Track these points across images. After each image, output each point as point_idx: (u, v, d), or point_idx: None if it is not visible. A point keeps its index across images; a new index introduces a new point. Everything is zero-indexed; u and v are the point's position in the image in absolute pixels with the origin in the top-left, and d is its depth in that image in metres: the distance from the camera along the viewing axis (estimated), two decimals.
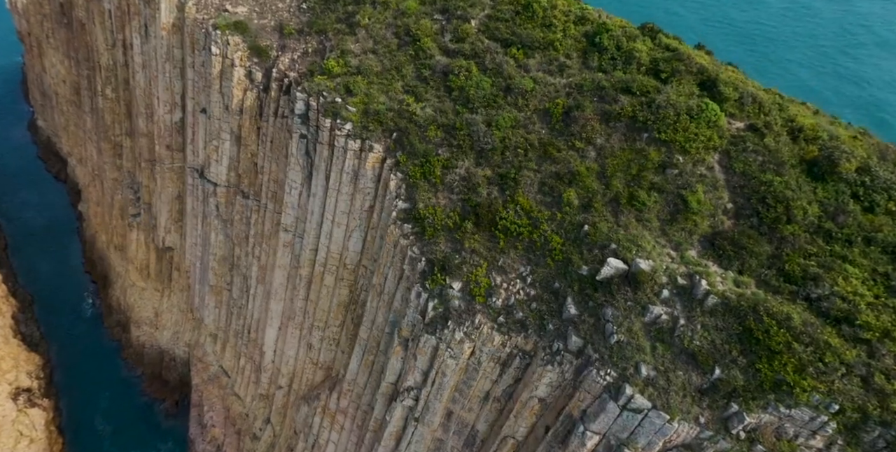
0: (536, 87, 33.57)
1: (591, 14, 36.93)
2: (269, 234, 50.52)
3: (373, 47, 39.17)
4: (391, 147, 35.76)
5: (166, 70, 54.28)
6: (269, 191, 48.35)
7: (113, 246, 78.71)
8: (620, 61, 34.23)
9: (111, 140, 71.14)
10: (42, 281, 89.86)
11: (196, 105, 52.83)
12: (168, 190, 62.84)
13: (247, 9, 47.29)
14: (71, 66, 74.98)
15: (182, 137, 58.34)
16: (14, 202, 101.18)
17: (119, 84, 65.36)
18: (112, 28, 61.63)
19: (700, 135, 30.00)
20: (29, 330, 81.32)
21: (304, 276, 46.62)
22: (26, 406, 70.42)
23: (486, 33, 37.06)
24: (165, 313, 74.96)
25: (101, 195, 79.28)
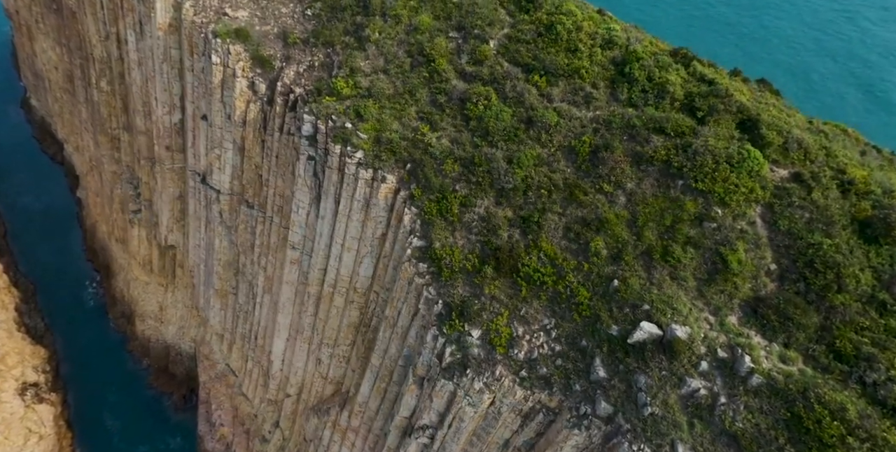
0: (561, 121, 31.58)
1: (619, 35, 34.50)
2: (275, 247, 49.14)
3: (384, 66, 36.91)
4: (405, 178, 34.03)
5: (164, 71, 51.84)
6: (274, 205, 46.75)
7: (114, 239, 77.35)
8: (652, 94, 32.04)
9: (108, 133, 68.93)
10: (44, 269, 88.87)
11: (196, 109, 50.69)
12: (169, 190, 61.12)
13: (248, 13, 44.65)
14: (63, 54, 72.09)
15: (182, 139, 56.31)
16: (11, 185, 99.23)
17: (114, 78, 62.81)
18: (105, 20, 58.81)
19: (741, 186, 28.14)
20: (33, 321, 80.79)
21: (312, 294, 45.49)
22: (34, 402, 70.37)
23: (506, 56, 34.78)
24: (170, 308, 74.19)
25: (100, 186, 77.43)
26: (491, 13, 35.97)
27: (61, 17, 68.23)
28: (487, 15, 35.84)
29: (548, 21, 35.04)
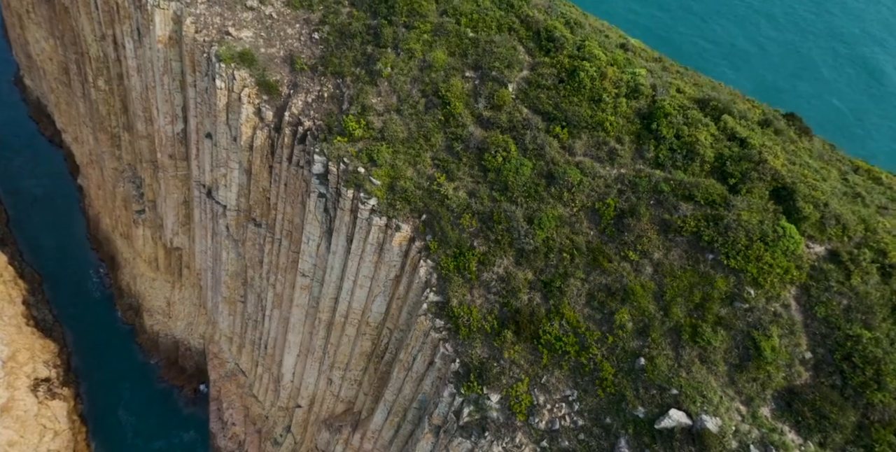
0: (584, 180, 30.46)
1: (644, 83, 32.84)
2: (284, 267, 48.60)
3: (397, 105, 35.44)
4: (420, 229, 33.22)
5: (164, 83, 50.07)
6: (283, 229, 45.95)
7: (118, 233, 76.75)
8: (680, 154, 30.70)
9: (108, 131, 67.34)
10: (48, 258, 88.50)
11: (199, 125, 49.22)
12: (174, 195, 60.10)
13: (252, 33, 42.66)
14: (57, 47, 69.63)
15: (186, 148, 54.93)
16: (10, 169, 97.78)
17: (112, 78, 60.83)
18: (100, 20, 56.41)
19: (776, 266, 27.22)
20: (41, 314, 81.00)
21: (323, 320, 45.27)
22: (47, 398, 71.27)
23: (526, 102, 33.30)
24: (178, 304, 74.25)
25: (102, 180, 76.22)
26: (509, 53, 34.22)
27: (53, 10, 65.55)
28: (506, 55, 34.10)
29: (570, 65, 33.33)
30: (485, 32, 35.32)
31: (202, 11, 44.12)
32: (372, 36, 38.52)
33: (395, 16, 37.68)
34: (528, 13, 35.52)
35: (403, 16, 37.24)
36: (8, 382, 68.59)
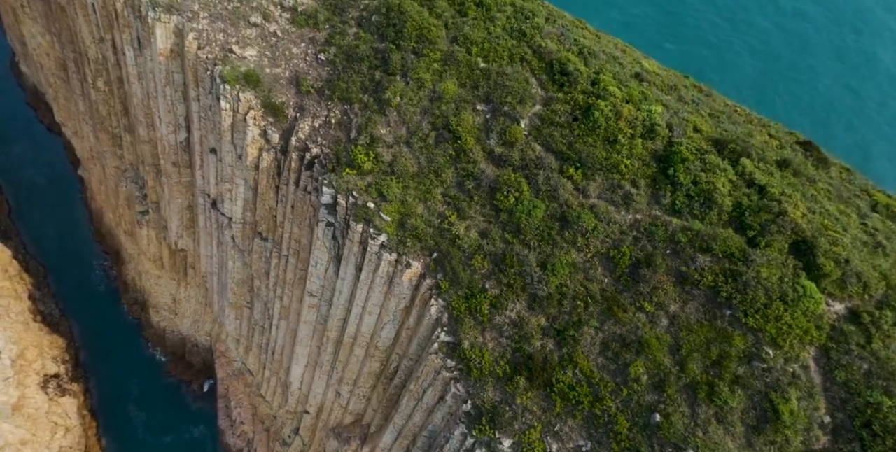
0: (599, 226, 30.04)
1: (660, 123, 32.07)
2: (291, 282, 48.55)
3: (406, 137, 34.78)
4: (431, 267, 32.99)
5: (167, 94, 49.13)
6: (291, 247, 45.72)
7: (122, 230, 76.45)
8: (698, 202, 30.14)
9: (108, 131, 66.42)
10: (52, 250, 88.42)
11: (203, 138, 48.51)
12: (178, 200, 59.67)
13: (256, 52, 41.59)
14: (54, 43, 68.11)
15: (189, 156, 54.23)
16: (10, 158, 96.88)
17: (112, 81, 59.62)
18: (98, 23, 54.99)
19: (795, 327, 27.02)
20: (48, 308, 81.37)
21: (331, 338, 45.43)
22: (57, 395, 72.14)
23: (539, 139, 32.63)
24: (184, 302, 74.50)
25: (104, 177, 75.57)
26: (521, 86, 33.35)
27: (49, 8, 63.85)
28: (518, 89, 33.25)
29: (584, 103, 32.52)
30: (496, 63, 34.40)
31: (204, 27, 42.94)
32: (380, 60, 37.54)
33: (403, 41, 36.65)
34: (540, 44, 34.53)
35: (412, 41, 36.22)
36: (18, 380, 69.31)
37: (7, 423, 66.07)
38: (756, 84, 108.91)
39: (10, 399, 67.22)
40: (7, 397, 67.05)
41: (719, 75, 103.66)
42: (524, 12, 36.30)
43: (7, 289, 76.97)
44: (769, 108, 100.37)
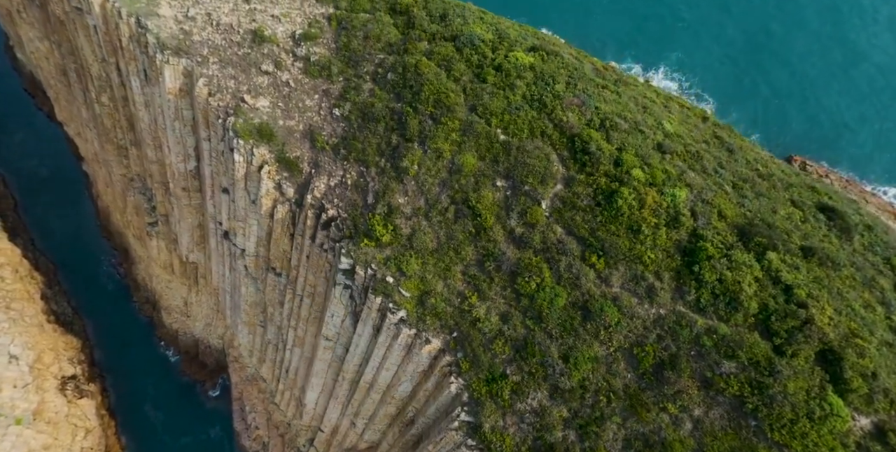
0: (622, 320, 30.12)
1: (684, 211, 31.64)
2: (306, 318, 48.99)
3: (425, 209, 34.48)
4: (451, 345, 33.33)
5: (176, 127, 48.36)
6: (305, 289, 45.90)
7: (132, 235, 76.47)
8: (723, 302, 30.02)
9: (114, 142, 65.54)
10: (60, 245, 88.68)
11: (215, 175, 47.95)
12: (188, 220, 59.56)
13: (269, 103, 40.66)
14: (53, 50, 66.21)
15: (199, 182, 53.74)
16: (11, 148, 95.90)
17: (117, 98, 58.33)
18: (100, 44, 53.38)
19: (821, 445, 27.30)
20: (60, 307, 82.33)
21: (347, 378, 46.24)
22: (75, 396, 73.95)
23: (560, 222, 32.33)
24: (195, 306, 75.31)
25: (109, 180, 74.98)
26: (542, 164, 32.79)
27: (46, 14, 61.73)
28: (539, 168, 32.70)
29: (607, 187, 32.01)
30: (517, 136, 33.73)
31: (214, 72, 41.83)
32: (396, 122, 36.79)
33: (420, 104, 35.81)
34: (561, 118, 33.71)
35: (430, 106, 35.38)
36: (37, 385, 70.89)
37: (29, 429, 68.00)
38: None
39: (31, 405, 68.93)
40: (28, 403, 68.74)
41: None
42: (544, 78, 35.28)
43: (20, 291, 77.69)
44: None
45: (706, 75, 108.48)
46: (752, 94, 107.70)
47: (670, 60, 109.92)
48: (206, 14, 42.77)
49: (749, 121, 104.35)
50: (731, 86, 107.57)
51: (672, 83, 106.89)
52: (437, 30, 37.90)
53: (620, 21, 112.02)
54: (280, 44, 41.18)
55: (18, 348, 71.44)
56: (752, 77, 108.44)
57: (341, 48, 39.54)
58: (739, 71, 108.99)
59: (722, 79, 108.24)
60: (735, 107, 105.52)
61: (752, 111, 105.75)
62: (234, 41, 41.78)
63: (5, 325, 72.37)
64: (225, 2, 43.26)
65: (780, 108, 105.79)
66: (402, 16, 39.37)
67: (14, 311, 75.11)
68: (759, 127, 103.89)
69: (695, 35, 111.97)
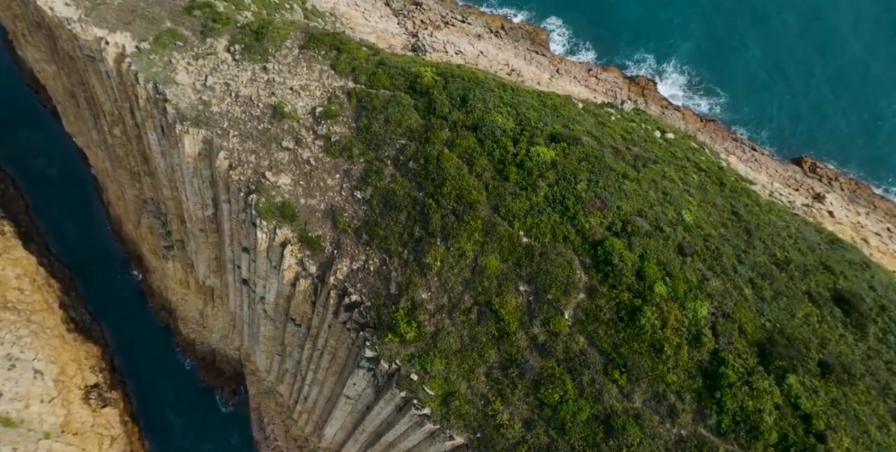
0: (644, 441, 31.42)
1: (706, 332, 32.51)
2: (325, 368, 50.48)
3: (448, 307, 35.39)
4: (475, 444, 34.88)
5: (194, 183, 48.60)
6: (327, 348, 47.16)
7: (146, 248, 77.38)
8: (743, 429, 31.14)
9: (127, 168, 65.62)
10: (74, 249, 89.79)
11: (234, 232, 48.44)
12: (204, 253, 60.38)
13: (290, 180, 40.90)
14: (60, 74, 65.25)
15: (217, 225, 54.26)
16: (17, 148, 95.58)
17: (131, 137, 58.08)
18: (114, 89, 52.81)
19: None
20: (78, 314, 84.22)
21: (367, 432, 48.13)
22: (99, 405, 76.81)
23: (583, 332, 33.27)
24: (211, 318, 77.07)
25: (121, 195, 75.29)
26: (565, 272, 33.45)
27: (55, 48, 60.58)
28: (561, 277, 33.38)
29: (629, 303, 32.78)
30: (539, 240, 34.25)
31: (235, 145, 41.86)
32: (418, 213, 37.23)
33: (442, 197, 36.17)
34: (583, 224, 34.13)
35: (452, 200, 35.76)
36: (62, 398, 73.56)
37: (58, 442, 71.05)
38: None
39: (58, 418, 71.74)
40: (55, 417, 71.53)
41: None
42: (566, 176, 35.47)
43: (39, 303, 79.40)
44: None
45: (719, 66, 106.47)
46: (766, 88, 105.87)
47: (682, 51, 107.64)
48: (225, 84, 42.39)
49: (760, 117, 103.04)
50: (743, 78, 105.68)
51: (683, 76, 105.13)
52: (458, 117, 37.77)
53: (634, 7, 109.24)
54: (300, 120, 41.05)
55: (42, 363, 73.70)
56: (767, 70, 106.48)
57: (362, 129, 39.49)
58: (754, 63, 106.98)
59: (735, 72, 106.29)
60: (747, 102, 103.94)
61: (764, 107, 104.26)
62: (254, 115, 41.62)
63: (28, 340, 74.40)
64: (243, 70, 42.79)
65: (794, 104, 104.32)
66: (423, 97, 39.11)
67: (35, 324, 77.02)
68: (770, 124, 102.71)
69: (709, 24, 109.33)
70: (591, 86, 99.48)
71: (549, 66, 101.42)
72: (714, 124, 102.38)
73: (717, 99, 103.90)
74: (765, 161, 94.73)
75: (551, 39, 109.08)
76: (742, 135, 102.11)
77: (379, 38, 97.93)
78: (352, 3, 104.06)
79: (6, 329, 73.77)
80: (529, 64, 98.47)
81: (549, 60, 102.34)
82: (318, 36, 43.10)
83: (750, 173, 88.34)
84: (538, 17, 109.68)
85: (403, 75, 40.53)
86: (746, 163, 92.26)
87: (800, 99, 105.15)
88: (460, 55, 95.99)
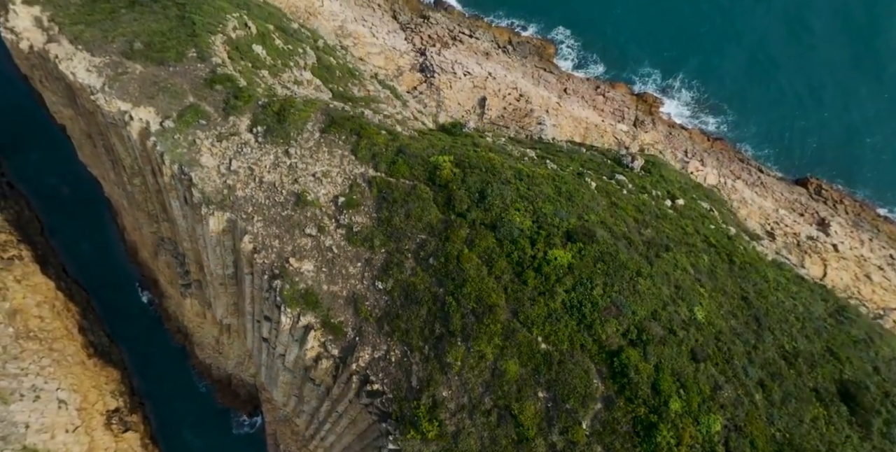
0: None
1: (719, 447, 34.28)
2: (345, 426, 52.59)
3: (468, 407, 37.21)
4: None
5: (217, 251, 50.01)
6: (346, 415, 49.18)
7: (162, 279, 79.06)
8: None
9: (145, 211, 66.88)
10: (90, 270, 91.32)
11: (256, 303, 49.96)
12: (223, 299, 62.09)
13: (313, 267, 42.36)
14: (78, 119, 65.99)
15: (237, 282, 55.85)
16: (28, 165, 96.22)
17: (151, 191, 59.22)
18: (136, 152, 53.79)
19: None
20: (97, 337, 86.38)
21: None
22: (120, 430, 79.54)
23: (601, 443, 35.09)
24: (227, 346, 79.18)
25: (137, 225, 76.60)
26: (583, 383, 35.18)
27: (74, 98, 61.26)
28: (580, 387, 35.12)
29: (645, 418, 34.52)
30: (557, 347, 35.87)
31: (259, 230, 43.20)
32: (439, 309, 38.80)
33: (462, 297, 37.68)
34: (600, 334, 35.69)
35: (472, 301, 37.31)
36: (86, 427, 76.21)
37: None
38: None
39: (83, 447, 74.50)
40: (80, 446, 74.29)
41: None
42: (582, 281, 36.90)
43: (59, 329, 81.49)
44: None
45: (726, 82, 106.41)
46: (774, 105, 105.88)
47: (689, 67, 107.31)
48: (249, 168, 43.52)
49: (766, 135, 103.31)
50: (752, 95, 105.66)
51: (690, 92, 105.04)
52: (477, 216, 39.04)
53: (641, 22, 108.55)
54: (322, 208, 42.31)
55: (66, 392, 76.12)
56: (776, 87, 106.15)
57: (383, 221, 40.80)
58: (761, 79, 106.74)
59: (743, 88, 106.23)
60: (754, 119, 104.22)
61: (771, 125, 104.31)
62: (278, 201, 42.86)
63: (51, 369, 76.71)
64: (266, 153, 43.87)
65: (802, 122, 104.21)
66: (442, 191, 40.31)
67: (57, 352, 79.27)
68: (776, 143, 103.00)
69: (717, 39, 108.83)
70: (598, 106, 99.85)
71: (557, 84, 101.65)
72: (721, 143, 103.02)
73: (724, 117, 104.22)
74: (771, 184, 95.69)
75: (559, 52, 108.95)
76: (748, 154, 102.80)
77: (387, 58, 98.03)
78: (359, 19, 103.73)
79: (29, 359, 75.99)
80: (537, 85, 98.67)
81: (556, 78, 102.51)
82: (338, 120, 44.02)
83: (756, 200, 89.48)
84: (546, 29, 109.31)
85: (422, 165, 41.64)
86: (752, 188, 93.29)
87: (809, 117, 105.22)
88: (469, 76, 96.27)
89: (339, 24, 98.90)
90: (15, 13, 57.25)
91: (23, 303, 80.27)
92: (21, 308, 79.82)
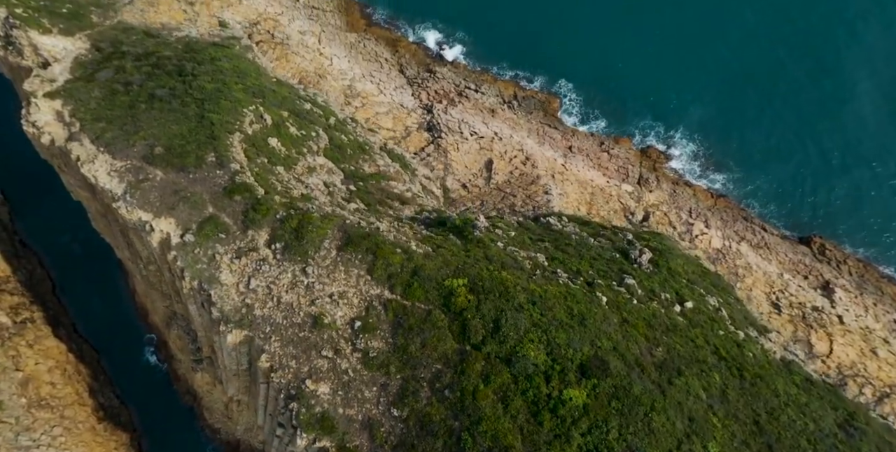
0: None
1: None
2: None
3: None
4: None
5: (233, 355, 50.81)
6: None
7: (174, 347, 79.88)
8: None
9: (159, 290, 67.84)
10: (99, 328, 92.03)
11: (270, 403, 50.76)
12: (236, 384, 62.84)
13: (329, 389, 43.16)
14: (95, 201, 66.96)
15: (251, 377, 56.65)
16: (40, 222, 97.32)
17: (166, 280, 60.17)
18: (154, 256, 54.67)
19: None
20: (107, 400, 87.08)
21: None
22: None
23: None
24: (236, 411, 79.88)
25: (148, 293, 77.54)
26: None
27: (92, 188, 62.22)
28: None
29: None
30: None
31: (276, 349, 44.05)
32: (454, 443, 39.58)
33: (478, 434, 38.43)
34: None
35: (488, 440, 38.08)
36: None
37: None
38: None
39: None
40: None
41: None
42: (598, 424, 37.73)
43: (70, 395, 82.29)
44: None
45: (731, 135, 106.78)
46: (780, 161, 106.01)
47: (692, 119, 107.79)
48: (267, 287, 44.41)
49: (772, 193, 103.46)
50: (757, 150, 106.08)
51: (693, 144, 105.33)
52: (492, 349, 39.92)
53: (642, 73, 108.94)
54: (339, 330, 43.16)
55: None
56: (786, 143, 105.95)
57: (399, 348, 41.64)
58: (768, 135, 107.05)
59: (747, 143, 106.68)
60: (760, 175, 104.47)
61: (776, 182, 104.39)
62: (295, 322, 43.74)
63: (63, 439, 77.53)
64: (284, 272, 44.76)
65: (808, 179, 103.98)
66: (457, 319, 41.18)
67: (68, 420, 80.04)
68: (782, 199, 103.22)
69: (720, 91, 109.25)
70: (603, 165, 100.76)
71: (563, 141, 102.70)
72: (725, 200, 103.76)
73: (729, 174, 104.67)
74: (775, 244, 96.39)
75: (563, 106, 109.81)
76: (753, 212, 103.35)
77: (395, 118, 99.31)
78: (367, 75, 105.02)
79: (41, 429, 76.80)
80: (542, 144, 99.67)
81: (561, 135, 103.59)
82: (354, 238, 44.96)
83: (761, 265, 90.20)
84: (549, 81, 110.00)
85: (437, 289, 42.55)
86: (757, 250, 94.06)
87: (817, 174, 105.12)
88: (475, 137, 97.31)
89: (347, 84, 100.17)
90: (37, 107, 58.37)
91: (35, 370, 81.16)
92: (33, 375, 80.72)
